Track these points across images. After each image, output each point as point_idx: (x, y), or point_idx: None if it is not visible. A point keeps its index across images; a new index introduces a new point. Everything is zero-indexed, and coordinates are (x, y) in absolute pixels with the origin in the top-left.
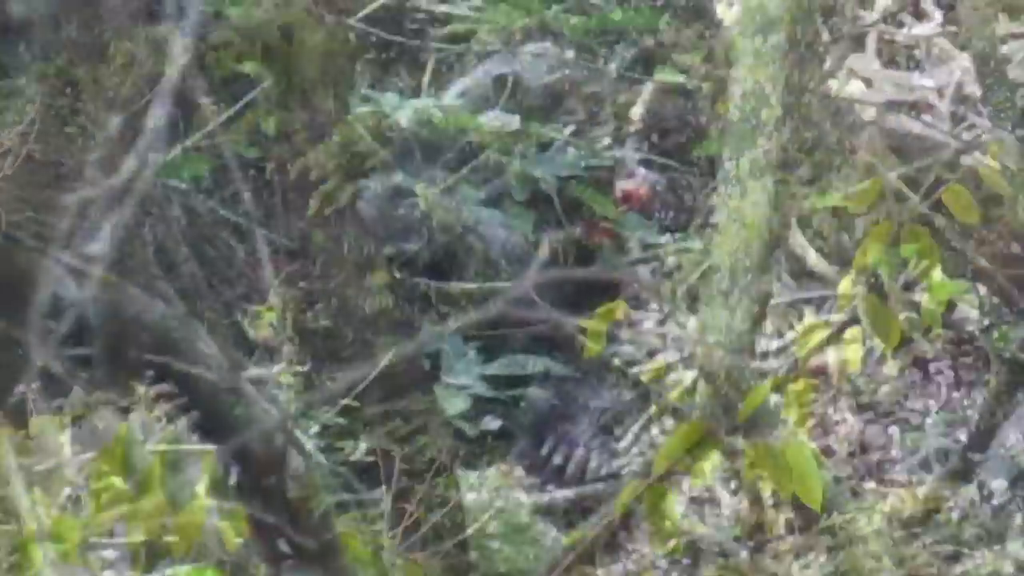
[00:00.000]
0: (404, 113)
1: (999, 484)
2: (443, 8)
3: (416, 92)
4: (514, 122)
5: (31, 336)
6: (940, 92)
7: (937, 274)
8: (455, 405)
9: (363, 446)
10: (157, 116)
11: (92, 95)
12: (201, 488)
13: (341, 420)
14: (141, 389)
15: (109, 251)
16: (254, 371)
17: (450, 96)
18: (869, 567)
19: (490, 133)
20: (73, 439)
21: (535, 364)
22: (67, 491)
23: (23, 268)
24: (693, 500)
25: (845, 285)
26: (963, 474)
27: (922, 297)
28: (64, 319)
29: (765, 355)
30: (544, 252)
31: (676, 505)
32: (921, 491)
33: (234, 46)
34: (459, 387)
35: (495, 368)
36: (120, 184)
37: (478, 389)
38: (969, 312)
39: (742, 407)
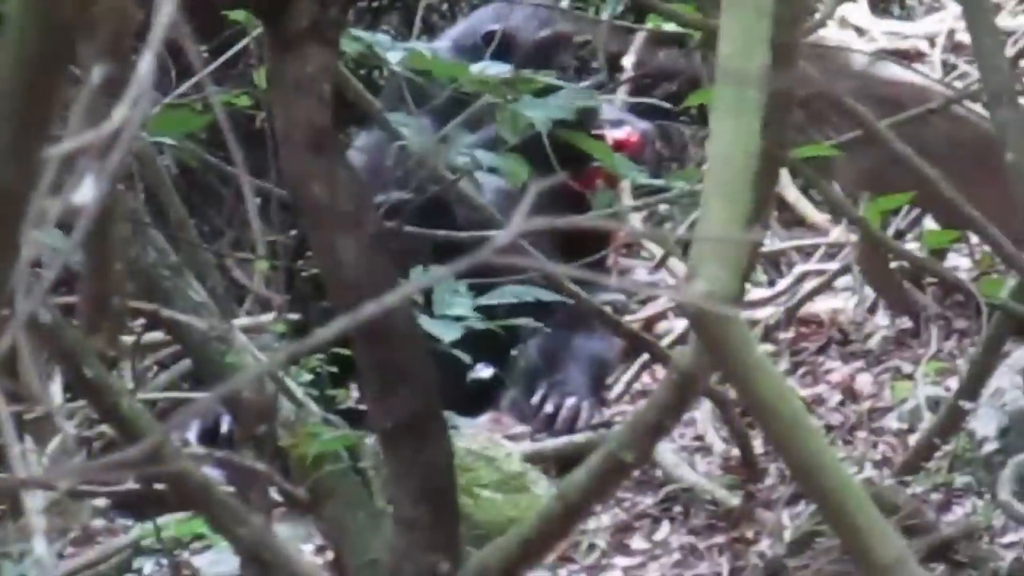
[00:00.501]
0: (395, 55)
1: (990, 433)
2: None
3: (407, 41)
4: (505, 71)
5: (17, 285)
6: (931, 41)
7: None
8: (449, 333)
9: (355, 394)
10: (146, 64)
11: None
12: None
13: (332, 368)
14: (132, 338)
15: (96, 201)
16: (245, 319)
17: (440, 46)
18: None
19: (481, 81)
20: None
21: (524, 293)
22: (57, 439)
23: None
24: (684, 448)
25: (837, 234)
26: (954, 423)
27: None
28: (51, 268)
29: (756, 303)
30: (531, 198)
31: (667, 453)
32: (912, 440)
33: None
34: (453, 318)
35: (487, 298)
36: (108, 134)
37: (472, 322)
38: (960, 261)
39: (730, 357)
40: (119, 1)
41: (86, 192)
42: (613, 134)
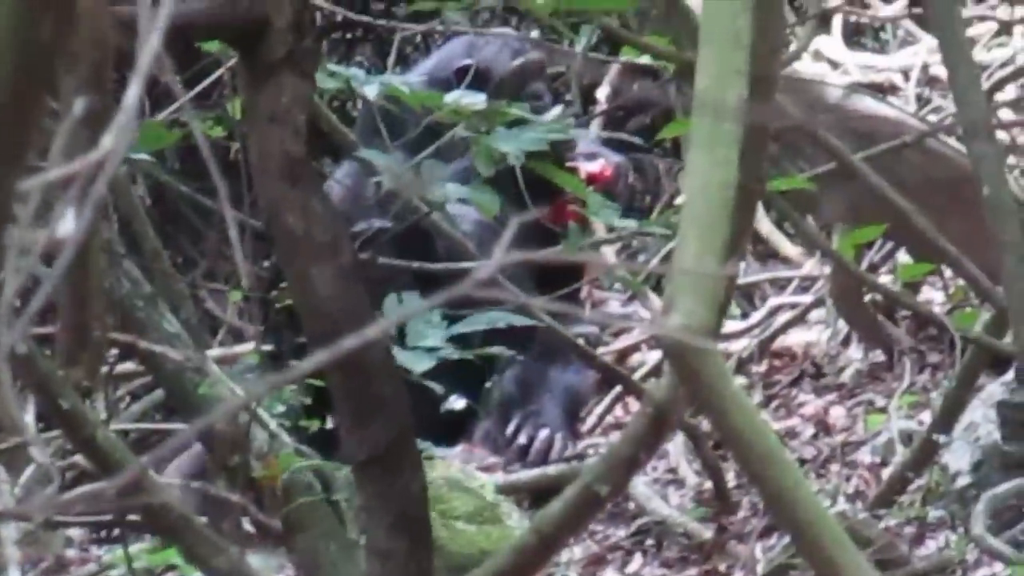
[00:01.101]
0: (371, 89)
1: (963, 467)
2: None
3: (381, 72)
4: (479, 101)
5: None
6: (906, 74)
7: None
8: (420, 364)
9: (327, 424)
10: (133, 95)
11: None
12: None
13: (305, 399)
14: (106, 368)
15: (78, 232)
16: (218, 350)
17: (414, 76)
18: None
19: (455, 112)
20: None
21: (498, 319)
22: (31, 469)
23: None
24: (657, 481)
25: (810, 267)
26: (927, 456)
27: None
28: (33, 299)
29: (729, 336)
30: (511, 232)
31: (640, 485)
32: (885, 473)
33: (201, 28)
34: (426, 349)
35: (460, 327)
36: (92, 164)
37: (445, 353)
38: (934, 295)
39: (706, 389)
40: (100, 31)
41: (68, 224)
42: (586, 167)
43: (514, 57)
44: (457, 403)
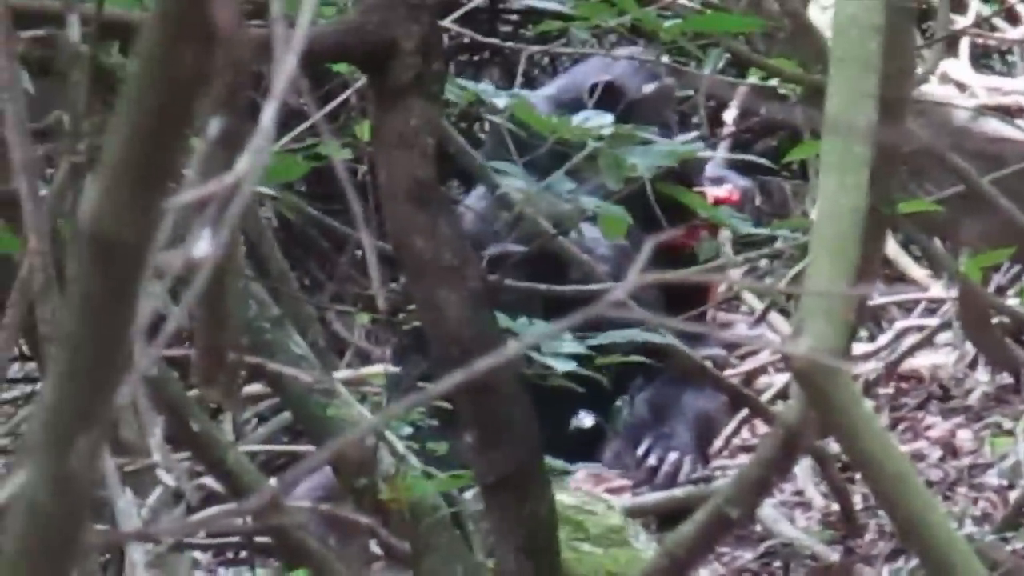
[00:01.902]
0: (501, 100)
1: None
2: (536, 4)
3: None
4: (607, 122)
5: (134, 339)
6: None
7: None
8: (562, 364)
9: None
10: (269, 115)
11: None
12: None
13: (433, 422)
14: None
15: (215, 253)
16: (346, 372)
17: (541, 96)
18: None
19: (582, 132)
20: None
21: (633, 335)
22: (159, 491)
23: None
24: (784, 503)
25: (937, 289)
26: None
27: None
28: (168, 322)
29: (857, 358)
30: (646, 254)
31: (767, 507)
32: (1012, 496)
33: (329, 50)
34: (565, 353)
35: (596, 340)
36: (229, 185)
37: (582, 362)
38: None
39: (836, 412)
40: (237, 52)
41: (204, 245)
42: (713, 192)
43: (648, 81)
44: (586, 420)
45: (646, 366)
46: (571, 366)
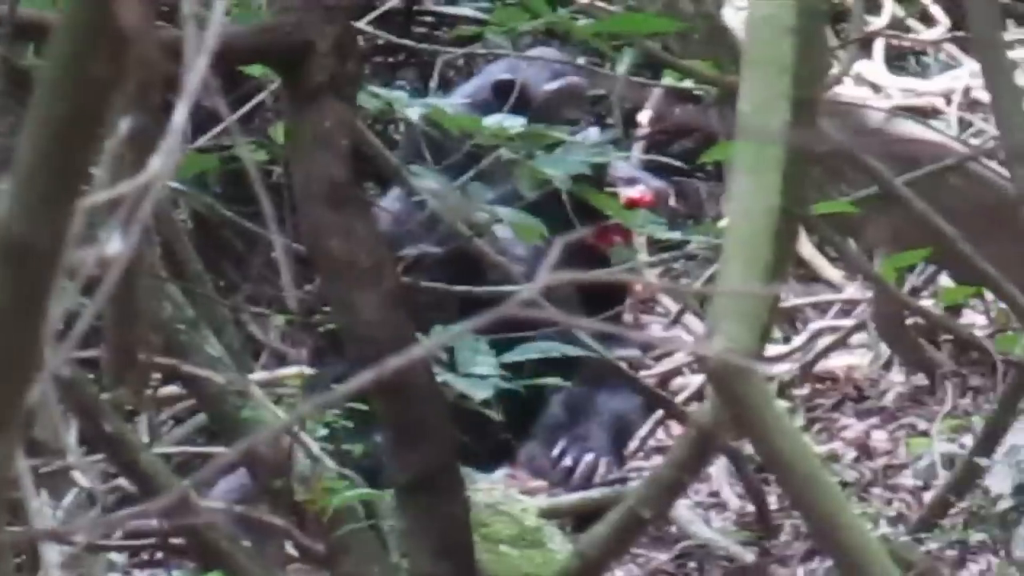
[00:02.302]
0: (413, 111)
1: (1005, 490)
2: (450, 10)
3: (423, 95)
4: (519, 124)
5: (45, 340)
6: (947, 98)
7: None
8: (480, 391)
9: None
10: (180, 116)
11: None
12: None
13: (348, 423)
14: (149, 391)
15: (126, 253)
16: (261, 374)
17: (455, 99)
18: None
19: (495, 135)
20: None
21: (553, 348)
22: (73, 492)
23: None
24: (699, 504)
25: (852, 290)
26: (969, 480)
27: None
28: (79, 322)
29: (771, 359)
30: (556, 255)
31: (682, 509)
32: (927, 497)
33: (244, 52)
34: (481, 377)
35: (511, 355)
36: (141, 185)
37: (497, 380)
38: (975, 318)
39: (749, 413)
40: (148, 53)
41: (115, 245)
42: (627, 192)
43: (553, 78)
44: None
45: (563, 369)
46: (488, 393)
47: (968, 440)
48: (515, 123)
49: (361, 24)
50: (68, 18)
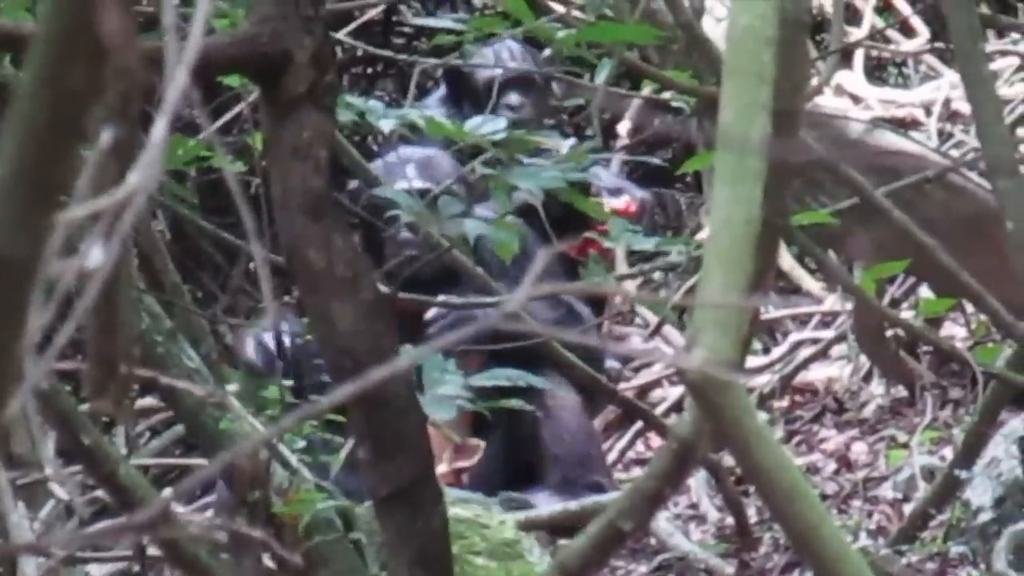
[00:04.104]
0: (387, 122)
1: (985, 502)
2: (429, 22)
3: (402, 106)
4: (500, 126)
5: (25, 351)
6: (928, 109)
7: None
8: (443, 412)
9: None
10: (161, 128)
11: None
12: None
13: (327, 435)
14: (127, 403)
15: (107, 264)
16: (239, 386)
17: (430, 102)
18: None
19: (479, 138)
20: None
21: (520, 377)
22: (51, 504)
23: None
24: (678, 516)
25: (832, 302)
26: (949, 492)
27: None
28: (60, 333)
29: (751, 371)
30: (540, 266)
31: (662, 521)
32: (907, 509)
33: (222, 63)
34: (446, 397)
35: (478, 379)
36: (122, 198)
37: (462, 401)
38: (955, 330)
39: (729, 425)
40: (128, 64)
41: (96, 256)
42: (610, 202)
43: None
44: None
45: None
46: (451, 415)
47: (948, 452)
48: (497, 126)
49: (340, 35)
50: (46, 29)
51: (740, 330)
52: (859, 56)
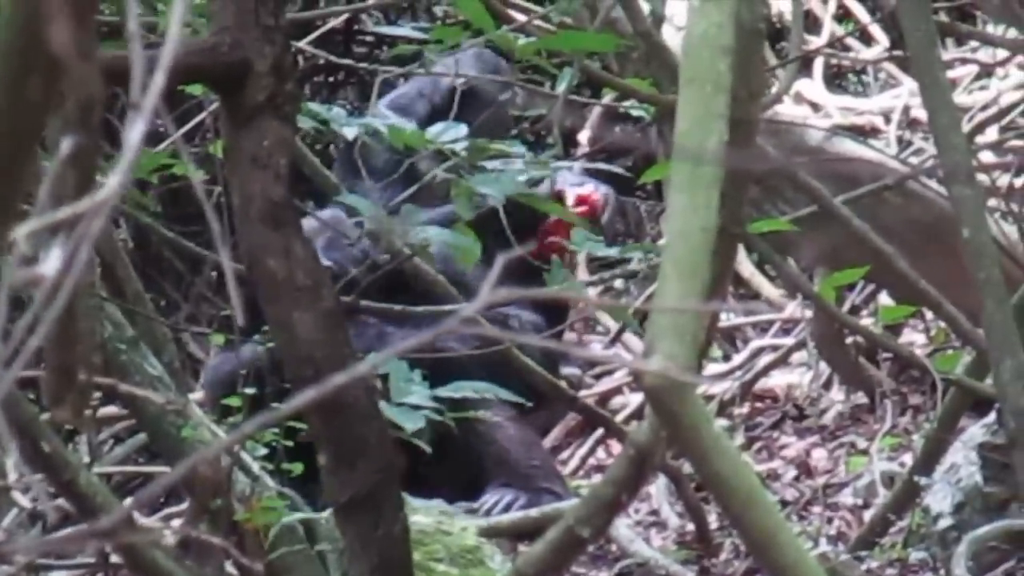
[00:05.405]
0: (350, 130)
1: (945, 508)
2: (390, 31)
3: (363, 115)
4: (462, 132)
5: None
6: (887, 117)
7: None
8: (411, 422)
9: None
10: (134, 136)
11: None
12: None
13: (288, 443)
14: (88, 411)
15: (68, 272)
16: (201, 394)
17: (384, 104)
18: None
19: (436, 147)
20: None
21: (484, 389)
22: (14, 512)
23: None
24: (639, 523)
25: (792, 309)
26: (908, 498)
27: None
28: (23, 342)
29: (711, 378)
30: (495, 274)
31: (622, 527)
32: (867, 515)
33: (183, 71)
34: (412, 407)
35: (445, 391)
36: (87, 208)
37: (427, 411)
38: (915, 336)
39: (687, 432)
40: (85, 74)
41: (53, 262)
42: (575, 190)
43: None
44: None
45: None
46: (420, 424)
47: (908, 459)
48: (459, 132)
49: (301, 44)
50: (0, 41)
51: (697, 337)
52: (818, 64)
